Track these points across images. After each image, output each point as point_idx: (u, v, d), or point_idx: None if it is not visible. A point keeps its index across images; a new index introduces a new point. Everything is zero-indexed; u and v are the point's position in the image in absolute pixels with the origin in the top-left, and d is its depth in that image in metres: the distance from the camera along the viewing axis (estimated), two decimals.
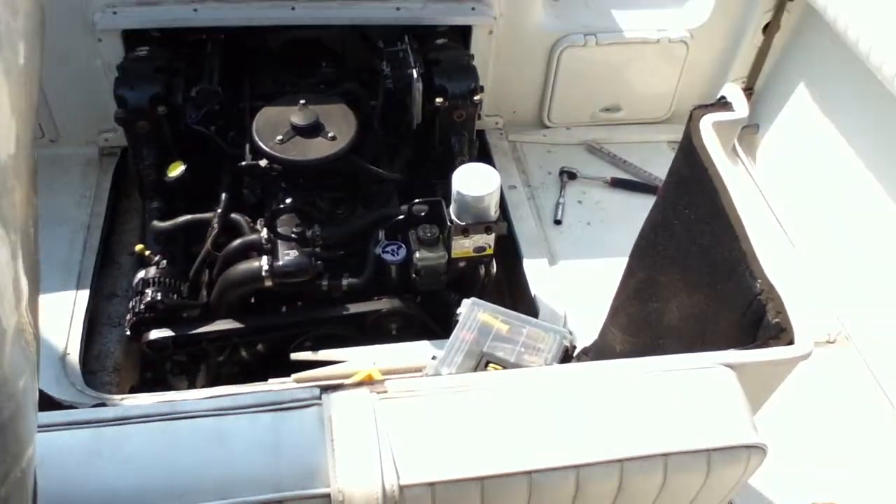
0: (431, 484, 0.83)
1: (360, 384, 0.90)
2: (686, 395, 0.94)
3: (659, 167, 2.43)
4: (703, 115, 1.26)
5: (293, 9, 2.05)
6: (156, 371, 1.93)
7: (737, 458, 0.91)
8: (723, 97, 1.31)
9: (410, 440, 0.86)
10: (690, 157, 1.23)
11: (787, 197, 2.32)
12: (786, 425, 1.00)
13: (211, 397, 1.62)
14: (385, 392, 0.89)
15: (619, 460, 0.88)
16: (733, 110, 1.28)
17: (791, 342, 1.02)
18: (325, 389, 0.88)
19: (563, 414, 0.90)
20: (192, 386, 1.91)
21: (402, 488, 0.82)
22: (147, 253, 1.84)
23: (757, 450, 0.92)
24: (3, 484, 0.56)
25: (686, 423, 0.92)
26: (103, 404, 1.63)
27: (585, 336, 1.89)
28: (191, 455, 0.82)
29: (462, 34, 2.22)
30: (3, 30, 0.44)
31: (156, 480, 0.80)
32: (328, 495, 0.81)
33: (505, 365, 1.59)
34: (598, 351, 1.68)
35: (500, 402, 0.90)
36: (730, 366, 0.97)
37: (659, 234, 1.36)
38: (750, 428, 0.92)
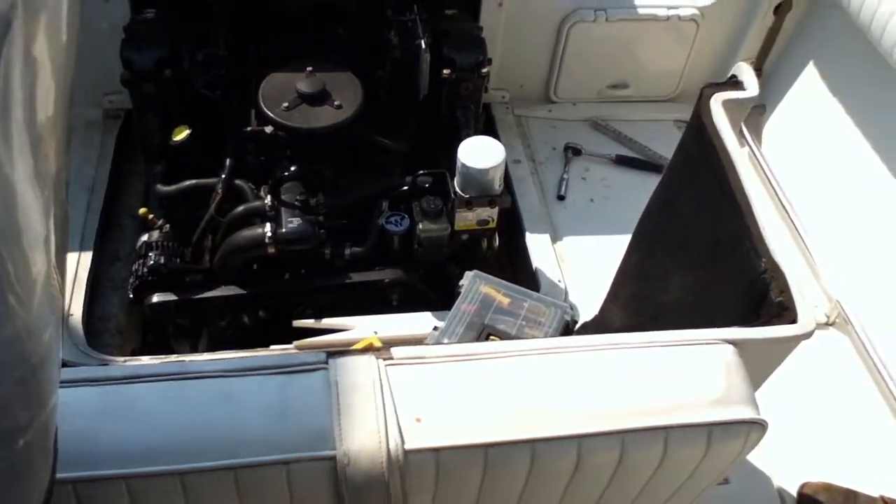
0: (436, 449, 0.85)
1: (365, 350, 0.90)
2: (688, 370, 0.95)
3: (664, 146, 2.43)
4: (713, 94, 1.25)
5: None
6: (157, 334, 1.94)
7: (737, 434, 0.92)
8: (734, 76, 1.31)
9: (415, 406, 0.87)
10: (699, 135, 1.23)
11: (791, 178, 2.32)
12: (780, 405, 1.02)
13: (216, 359, 1.63)
14: (391, 358, 0.90)
15: (621, 432, 0.89)
16: (744, 89, 1.28)
17: (794, 321, 1.02)
18: (332, 354, 0.89)
19: (567, 385, 0.91)
20: (193, 350, 1.93)
21: (406, 452, 0.84)
22: (150, 216, 1.84)
23: (757, 426, 0.93)
24: (30, 428, 0.57)
25: (687, 397, 0.93)
26: (106, 366, 1.64)
27: (586, 311, 1.91)
28: (199, 415, 0.83)
29: (471, 5, 2.20)
30: None
31: (164, 439, 0.81)
32: (334, 458, 0.82)
33: (506, 338, 1.60)
34: (597, 327, 1.69)
35: (505, 372, 0.91)
36: (732, 342, 0.98)
37: (663, 212, 1.36)
38: (751, 404, 0.93)
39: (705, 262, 1.20)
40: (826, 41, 2.32)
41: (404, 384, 0.88)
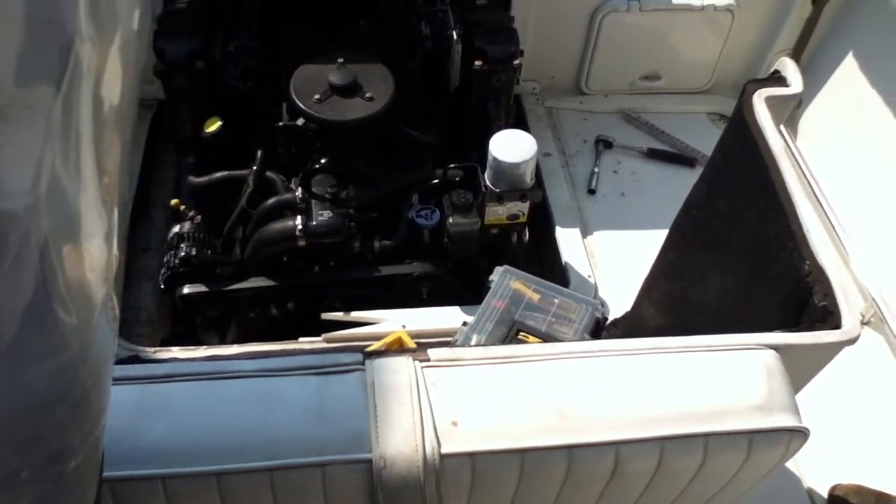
0: (472, 454, 0.84)
1: (402, 351, 0.90)
2: (729, 375, 0.93)
3: (697, 138, 2.40)
4: (756, 89, 1.22)
5: None
6: (186, 325, 1.95)
7: (778, 442, 0.91)
8: (777, 71, 1.28)
9: (452, 409, 0.86)
10: (741, 133, 1.20)
11: (826, 173, 2.27)
12: (810, 404, 0.99)
13: (246, 353, 1.64)
14: (427, 360, 0.89)
15: (660, 438, 0.87)
16: (788, 85, 1.24)
17: (837, 326, 1.00)
18: (369, 355, 0.88)
19: (605, 389, 0.90)
20: (222, 341, 1.94)
21: (442, 457, 0.83)
22: (182, 208, 1.85)
23: (798, 433, 0.91)
24: (82, 448, 0.57)
25: (729, 403, 0.91)
26: (136, 356, 1.65)
27: (616, 307, 1.88)
28: (236, 415, 0.83)
29: None
30: None
31: (201, 439, 0.81)
32: (370, 461, 0.81)
33: (536, 334, 1.59)
34: (629, 324, 1.67)
35: (542, 375, 0.90)
36: (774, 347, 0.96)
37: (702, 210, 1.34)
38: (793, 411, 0.91)
39: (746, 263, 1.18)
40: (866, 32, 2.26)
41: (441, 386, 0.87)
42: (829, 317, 1.00)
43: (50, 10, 0.38)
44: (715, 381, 0.92)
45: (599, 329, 1.67)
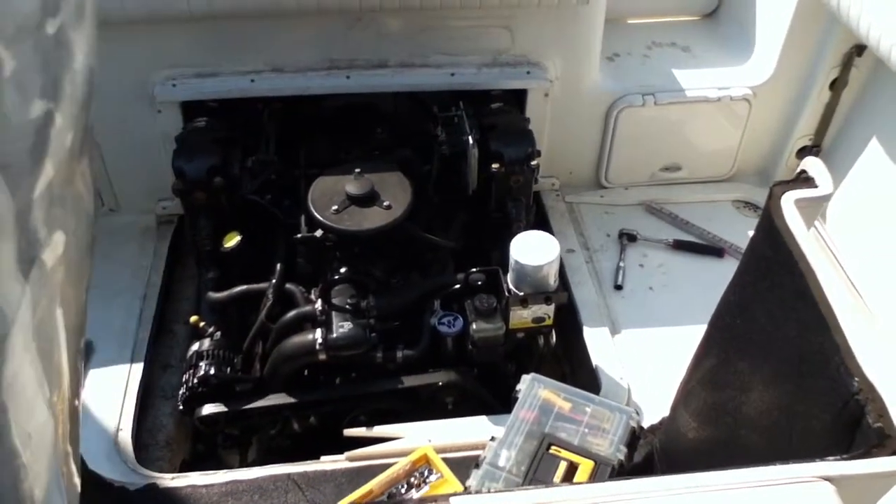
0: None
1: (423, 500, 0.83)
2: None
3: (723, 227, 2.35)
4: (783, 192, 1.18)
5: (348, 77, 2.05)
6: (207, 444, 1.90)
7: None
8: (803, 171, 1.24)
9: None
10: (772, 237, 1.15)
11: (854, 259, 2.20)
12: None
13: (267, 477, 1.56)
14: None
15: None
16: (816, 186, 1.20)
17: None
18: None
19: None
20: (243, 460, 1.87)
21: None
22: (202, 324, 1.82)
23: None
24: None
25: None
26: (155, 484, 1.59)
27: (651, 410, 1.80)
28: None
29: (517, 97, 2.19)
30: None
31: None
32: None
33: (569, 448, 1.51)
34: (667, 434, 1.58)
35: None
36: (829, 479, 0.88)
37: (737, 316, 1.27)
38: None
39: (789, 377, 1.11)
40: (887, 116, 2.23)
41: None
42: (886, 440, 0.92)
43: None
44: None
45: (636, 439, 1.58)
